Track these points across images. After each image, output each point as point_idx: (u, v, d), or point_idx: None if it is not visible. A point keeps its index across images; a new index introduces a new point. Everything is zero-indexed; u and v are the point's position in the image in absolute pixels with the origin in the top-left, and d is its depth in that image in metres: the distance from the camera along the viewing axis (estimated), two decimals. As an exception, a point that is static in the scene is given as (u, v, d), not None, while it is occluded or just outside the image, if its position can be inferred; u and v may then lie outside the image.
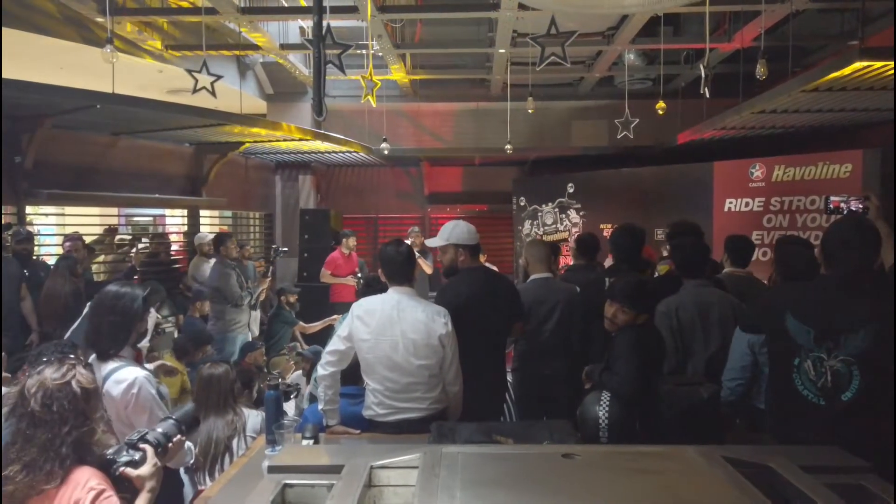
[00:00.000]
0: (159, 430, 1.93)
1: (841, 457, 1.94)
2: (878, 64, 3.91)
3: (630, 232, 3.70)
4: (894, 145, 5.14)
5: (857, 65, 3.84)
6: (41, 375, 1.71)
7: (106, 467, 1.77)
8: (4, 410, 1.73)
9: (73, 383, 1.72)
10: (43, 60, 5.98)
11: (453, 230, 3.33)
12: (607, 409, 2.43)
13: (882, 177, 5.91)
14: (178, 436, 1.97)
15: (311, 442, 2.56)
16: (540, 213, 8.89)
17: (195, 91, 4.83)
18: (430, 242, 3.49)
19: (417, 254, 7.78)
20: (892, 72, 4.13)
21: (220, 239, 6.35)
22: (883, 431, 2.11)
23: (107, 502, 1.69)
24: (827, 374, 2.18)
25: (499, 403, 3.49)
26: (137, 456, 1.80)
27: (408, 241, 7.57)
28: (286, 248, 7.89)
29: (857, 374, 2.14)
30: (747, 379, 2.79)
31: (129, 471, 1.77)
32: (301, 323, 6.74)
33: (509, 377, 3.72)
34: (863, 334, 2.13)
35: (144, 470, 1.79)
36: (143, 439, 1.85)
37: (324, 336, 6.24)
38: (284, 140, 7.05)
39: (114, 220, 8.15)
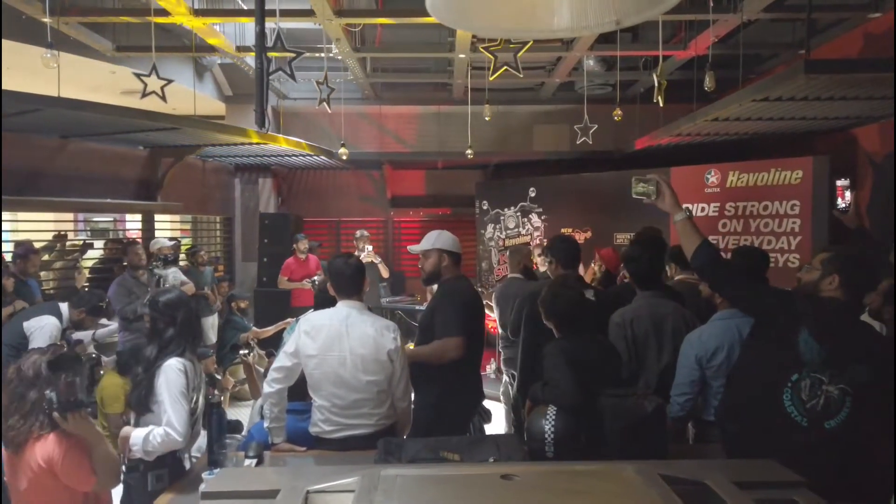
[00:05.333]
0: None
1: (776, 471, 1.97)
2: (822, 77, 4.00)
3: (562, 239, 3.78)
4: (894, 146, 5.26)
5: (802, 78, 3.92)
6: (34, 356, 2.37)
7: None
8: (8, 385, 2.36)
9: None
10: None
11: (439, 236, 3.38)
12: (553, 422, 2.43)
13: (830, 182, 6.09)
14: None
15: (255, 461, 2.51)
16: (502, 217, 8.91)
17: (144, 95, 4.70)
18: (414, 248, 3.47)
19: (377, 258, 7.76)
20: (835, 83, 4.24)
21: (126, 248, 6.08)
22: (853, 468, 2.14)
23: (70, 454, 2.27)
24: (821, 398, 2.17)
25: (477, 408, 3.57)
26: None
27: (359, 248, 7.57)
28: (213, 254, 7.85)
29: (848, 405, 2.14)
30: (695, 394, 2.80)
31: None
32: (254, 328, 6.65)
33: None
34: (869, 367, 2.13)
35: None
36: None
37: (278, 340, 6.23)
38: (241, 144, 6.92)
39: (70, 226, 7.93)
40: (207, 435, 2.56)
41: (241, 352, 4.00)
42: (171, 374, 2.55)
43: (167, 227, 8.82)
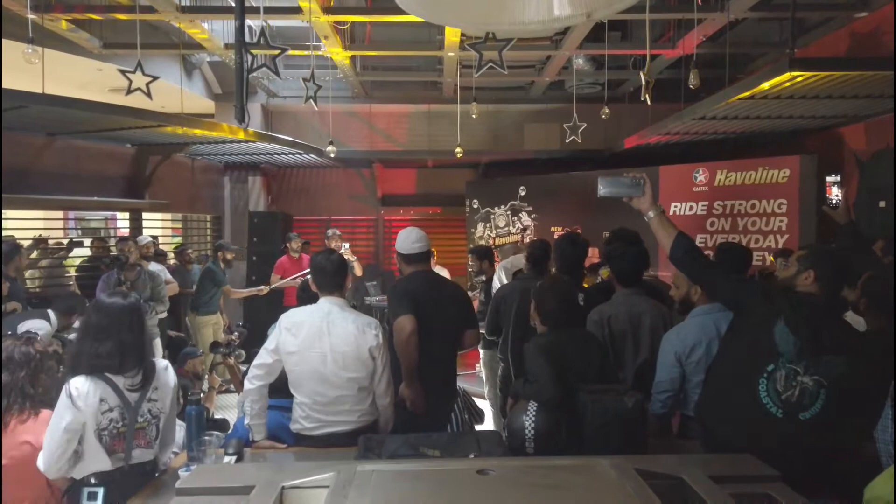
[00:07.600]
0: None
1: (752, 465, 1.97)
2: (807, 74, 4.02)
3: (572, 241, 3.73)
4: (895, 144, 5.29)
5: (787, 75, 3.94)
6: (12, 341, 2.52)
7: None
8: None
9: (30, 347, 2.52)
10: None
11: (398, 236, 3.42)
12: (533, 418, 2.43)
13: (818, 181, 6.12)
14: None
15: (234, 458, 2.49)
16: (492, 216, 8.92)
17: (129, 92, 4.67)
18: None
19: (353, 257, 7.73)
20: (820, 82, 4.26)
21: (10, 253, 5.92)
22: (827, 459, 2.16)
23: None
24: (796, 389, 2.19)
25: (449, 409, 3.48)
26: None
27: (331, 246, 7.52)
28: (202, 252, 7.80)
29: (822, 397, 2.16)
30: (676, 391, 2.80)
31: None
32: (228, 286, 6.60)
33: None
34: (844, 360, 2.15)
35: None
36: None
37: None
38: (229, 142, 6.89)
39: (59, 224, 7.88)
40: (186, 432, 2.54)
41: (222, 350, 3.97)
42: (60, 404, 2.23)
43: (158, 225, 8.77)
